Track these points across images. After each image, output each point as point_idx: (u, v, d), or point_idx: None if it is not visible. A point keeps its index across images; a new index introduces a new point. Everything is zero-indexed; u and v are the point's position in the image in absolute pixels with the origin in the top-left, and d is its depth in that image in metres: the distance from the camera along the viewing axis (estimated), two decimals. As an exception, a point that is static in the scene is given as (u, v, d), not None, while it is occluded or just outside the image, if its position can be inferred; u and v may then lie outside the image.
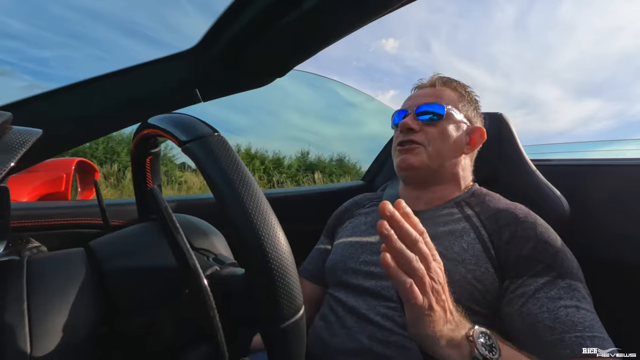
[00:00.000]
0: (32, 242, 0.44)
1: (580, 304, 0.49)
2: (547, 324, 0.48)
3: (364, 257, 0.66)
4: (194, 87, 0.69)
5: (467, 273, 0.55)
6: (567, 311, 0.48)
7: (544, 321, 0.48)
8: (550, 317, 0.48)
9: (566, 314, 0.48)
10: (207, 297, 0.28)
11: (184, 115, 0.33)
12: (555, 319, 0.48)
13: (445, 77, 0.75)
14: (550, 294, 0.50)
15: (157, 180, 0.46)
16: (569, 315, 0.48)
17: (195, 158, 0.29)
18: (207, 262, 0.37)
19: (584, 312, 0.48)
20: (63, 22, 11.60)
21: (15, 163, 0.26)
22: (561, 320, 0.48)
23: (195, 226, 0.42)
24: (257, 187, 0.28)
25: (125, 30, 14.50)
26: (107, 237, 0.40)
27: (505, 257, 0.56)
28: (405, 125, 0.69)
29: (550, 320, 0.48)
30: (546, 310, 0.49)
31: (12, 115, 0.29)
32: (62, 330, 0.29)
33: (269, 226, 0.27)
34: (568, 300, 0.49)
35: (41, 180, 1.14)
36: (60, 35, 11.44)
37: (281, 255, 0.27)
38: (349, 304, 0.62)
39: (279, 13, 0.57)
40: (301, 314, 0.29)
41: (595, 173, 0.86)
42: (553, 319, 0.48)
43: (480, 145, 0.73)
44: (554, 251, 0.54)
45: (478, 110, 0.76)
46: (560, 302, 0.49)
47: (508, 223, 0.59)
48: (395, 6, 0.57)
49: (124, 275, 0.34)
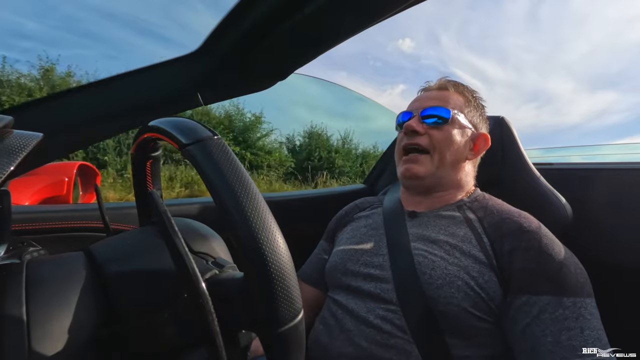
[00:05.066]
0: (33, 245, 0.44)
1: (585, 324, 0.48)
2: (548, 348, 0.48)
3: (363, 260, 0.66)
4: (195, 91, 0.70)
5: (470, 280, 0.54)
6: (570, 334, 0.48)
7: (546, 345, 0.48)
8: (552, 341, 0.48)
9: (568, 337, 0.47)
10: (206, 301, 0.27)
11: (184, 119, 0.33)
12: (556, 344, 0.47)
13: (453, 81, 0.75)
14: (554, 314, 0.49)
15: (157, 184, 0.46)
16: (570, 339, 0.47)
17: (195, 161, 0.29)
18: (206, 266, 0.36)
19: (587, 333, 0.47)
20: (76, 21, 11.81)
21: (16, 167, 0.26)
22: (562, 345, 0.47)
23: (195, 230, 0.42)
24: (256, 190, 0.28)
25: (137, 29, 14.74)
26: (107, 241, 0.40)
27: (507, 268, 0.54)
28: (410, 127, 0.68)
29: (552, 344, 0.48)
30: (549, 333, 0.48)
31: (12, 119, 0.29)
32: (62, 333, 0.29)
33: (267, 229, 0.27)
34: (572, 321, 0.48)
35: (43, 183, 1.15)
36: (73, 34, 11.57)
37: (280, 258, 0.27)
38: (348, 306, 0.62)
39: (281, 17, 0.57)
40: (300, 318, 0.29)
41: (597, 177, 0.86)
42: (554, 343, 0.48)
43: (484, 151, 0.73)
44: (558, 266, 0.52)
45: (484, 116, 0.76)
46: (564, 324, 0.48)
47: (511, 232, 0.57)
48: (397, 9, 0.57)
49: (123, 279, 0.34)
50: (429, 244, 0.61)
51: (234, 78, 0.73)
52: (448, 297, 0.54)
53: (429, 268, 0.57)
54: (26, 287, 0.29)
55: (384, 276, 0.61)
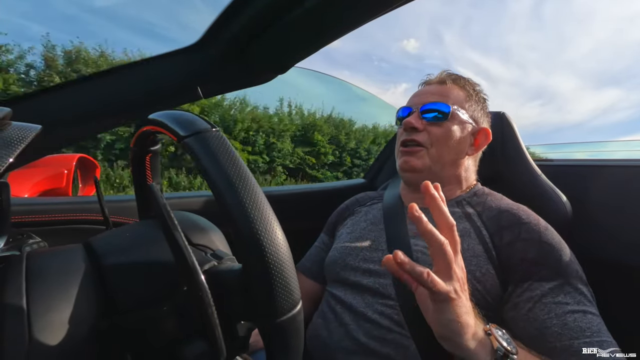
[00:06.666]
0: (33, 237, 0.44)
1: (587, 309, 0.49)
2: (555, 330, 0.48)
3: (363, 255, 0.66)
4: (195, 84, 0.69)
5: (468, 274, 0.55)
6: (575, 317, 0.48)
7: (552, 327, 0.48)
8: (558, 322, 0.48)
9: (574, 319, 0.48)
10: (205, 294, 0.28)
11: (183, 111, 0.33)
12: (563, 325, 0.48)
13: (454, 75, 0.74)
14: (557, 299, 0.50)
15: (156, 178, 0.46)
16: (576, 320, 0.48)
17: (193, 153, 0.29)
18: (205, 258, 0.37)
19: (590, 317, 0.48)
20: (79, 23, 11.71)
21: (15, 159, 0.26)
22: (569, 327, 0.48)
23: (194, 223, 0.42)
24: (254, 181, 0.28)
25: (139, 30, 14.60)
26: (107, 234, 0.40)
27: (507, 259, 0.55)
28: (409, 123, 0.68)
29: (559, 326, 0.48)
30: (554, 316, 0.49)
31: (11, 111, 0.29)
32: (62, 324, 0.29)
33: (265, 220, 0.27)
34: (575, 305, 0.49)
35: (42, 175, 1.15)
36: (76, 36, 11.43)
37: (278, 249, 0.27)
38: (347, 301, 0.62)
39: (282, 10, 0.57)
40: (299, 309, 0.29)
41: (597, 173, 0.86)
42: (561, 325, 0.48)
43: (485, 146, 0.72)
44: (558, 255, 0.54)
45: (485, 109, 0.75)
46: (567, 307, 0.49)
47: (510, 224, 0.58)
48: (397, 3, 0.56)
49: (122, 271, 0.34)
50: None
51: (234, 71, 0.72)
52: None
53: (427, 264, 0.57)
54: (26, 278, 0.29)
55: (382, 271, 0.61)
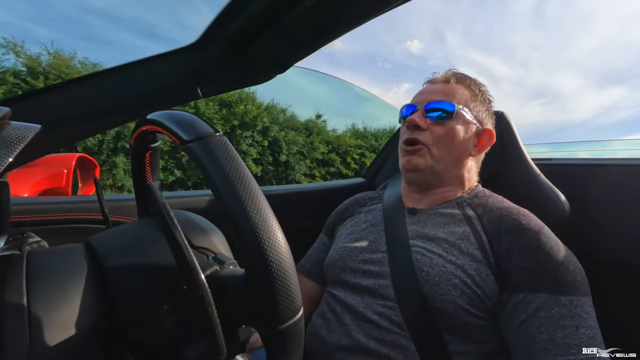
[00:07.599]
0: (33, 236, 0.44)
1: (580, 323, 0.49)
2: (543, 346, 0.48)
3: (362, 256, 0.66)
4: (194, 83, 0.69)
5: (467, 278, 0.55)
6: (565, 332, 0.48)
7: (541, 342, 0.48)
8: (547, 338, 0.48)
9: (563, 335, 0.48)
10: (205, 293, 0.28)
11: (186, 113, 0.33)
12: (551, 341, 0.48)
13: (460, 74, 0.73)
14: (551, 312, 0.50)
15: (156, 176, 0.45)
16: (565, 337, 0.48)
17: (197, 158, 0.29)
18: (207, 262, 0.36)
19: (582, 332, 0.48)
20: (83, 25, 11.66)
21: (14, 158, 0.26)
22: (557, 343, 0.48)
23: (195, 223, 0.42)
24: (257, 187, 0.28)
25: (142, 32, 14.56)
26: (106, 233, 0.40)
27: (505, 266, 0.55)
28: (412, 121, 0.67)
29: (547, 342, 0.48)
30: (544, 331, 0.49)
31: (10, 111, 0.29)
32: (62, 324, 0.29)
33: (268, 228, 0.27)
34: (568, 319, 0.49)
35: (42, 175, 1.15)
36: (80, 39, 11.37)
37: (281, 257, 0.27)
38: (346, 302, 0.62)
39: (281, 8, 0.57)
40: (300, 316, 0.29)
41: (596, 173, 0.86)
42: (549, 340, 0.48)
43: (488, 147, 0.71)
44: (556, 264, 0.52)
45: (490, 110, 0.74)
46: (559, 322, 0.49)
47: (510, 230, 0.57)
48: (398, 1, 0.56)
49: (123, 271, 0.34)
50: (428, 242, 0.61)
51: (233, 70, 0.72)
52: (445, 294, 0.54)
53: (427, 265, 0.58)
54: (27, 278, 0.29)
55: (382, 272, 0.61)
